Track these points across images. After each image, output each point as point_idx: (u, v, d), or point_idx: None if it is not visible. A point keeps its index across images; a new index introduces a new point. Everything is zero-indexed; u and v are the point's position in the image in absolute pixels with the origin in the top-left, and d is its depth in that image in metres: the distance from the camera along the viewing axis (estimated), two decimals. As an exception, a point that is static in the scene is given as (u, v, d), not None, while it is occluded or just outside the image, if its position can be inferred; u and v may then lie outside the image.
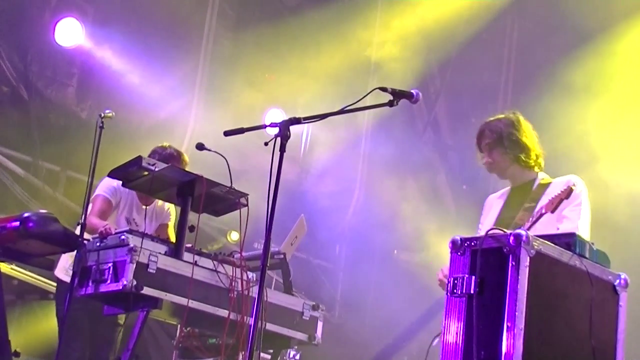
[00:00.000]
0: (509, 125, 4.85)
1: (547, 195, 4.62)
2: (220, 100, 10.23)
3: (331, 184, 11.45)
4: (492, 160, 4.87)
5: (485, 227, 4.73)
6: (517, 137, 4.81)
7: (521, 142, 4.81)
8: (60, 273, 6.05)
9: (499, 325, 3.46)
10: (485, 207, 5.06)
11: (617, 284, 3.88)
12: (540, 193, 4.69)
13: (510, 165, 4.83)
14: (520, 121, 4.88)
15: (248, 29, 10.76)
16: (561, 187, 4.57)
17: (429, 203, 11.43)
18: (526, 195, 4.76)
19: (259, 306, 4.04)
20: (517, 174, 4.86)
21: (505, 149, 4.81)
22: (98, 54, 9.24)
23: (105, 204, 6.09)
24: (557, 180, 4.74)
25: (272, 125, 4.26)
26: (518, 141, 4.81)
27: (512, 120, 4.88)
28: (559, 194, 4.37)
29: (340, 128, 11.26)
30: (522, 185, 4.84)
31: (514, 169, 4.84)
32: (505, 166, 4.85)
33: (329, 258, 11.47)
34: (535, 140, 4.87)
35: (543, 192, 4.68)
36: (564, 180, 4.69)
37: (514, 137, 4.81)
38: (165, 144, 6.34)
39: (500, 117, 4.94)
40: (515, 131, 4.83)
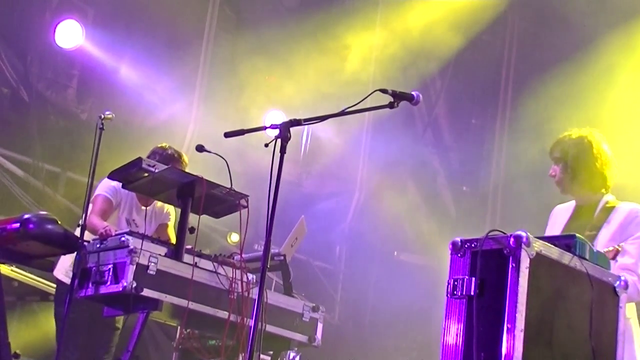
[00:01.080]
0: (578, 146, 4.74)
1: (610, 223, 4.56)
2: (220, 101, 10.24)
3: (331, 185, 11.46)
4: (555, 175, 4.78)
5: None
6: (583, 161, 4.71)
7: (586, 167, 4.71)
8: (60, 274, 6.05)
9: (499, 327, 3.46)
10: (552, 218, 4.95)
11: (617, 286, 3.88)
12: (603, 219, 4.61)
13: (573, 186, 4.75)
14: (592, 143, 4.74)
15: (248, 31, 10.76)
16: (623, 214, 4.55)
17: (429, 204, 11.44)
18: (589, 219, 4.67)
19: (259, 308, 4.04)
20: (581, 195, 4.77)
21: (567, 169, 4.73)
22: (98, 56, 9.24)
23: (106, 204, 6.09)
24: (622, 207, 4.64)
25: (272, 126, 4.26)
26: (583, 165, 4.71)
27: (583, 141, 4.76)
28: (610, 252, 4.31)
29: (341, 130, 11.26)
30: (586, 206, 4.75)
31: (577, 190, 4.75)
32: (567, 186, 4.76)
33: (329, 259, 11.47)
34: (606, 162, 4.74)
35: (606, 218, 4.60)
36: (629, 207, 4.62)
37: (580, 160, 4.71)
38: (165, 144, 6.33)
39: (574, 135, 4.81)
40: (583, 154, 4.72)
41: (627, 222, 4.57)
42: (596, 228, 4.58)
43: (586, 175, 4.71)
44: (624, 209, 4.62)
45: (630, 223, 4.55)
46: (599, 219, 4.62)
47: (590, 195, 4.74)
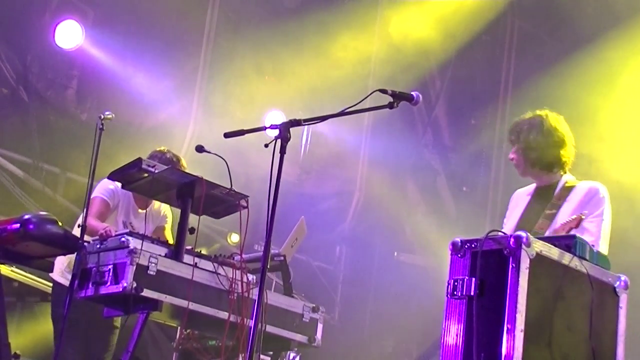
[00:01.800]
0: (529, 126, 4.73)
1: (570, 202, 4.54)
2: (220, 102, 10.24)
3: (331, 185, 11.46)
4: (512, 158, 4.78)
5: (509, 227, 4.71)
6: (534, 141, 4.68)
7: (538, 146, 4.68)
8: (56, 275, 6.04)
9: (499, 327, 3.46)
10: (512, 202, 4.94)
11: (617, 286, 3.88)
12: (562, 198, 4.59)
13: (529, 167, 4.74)
14: (543, 122, 4.72)
15: (248, 31, 10.76)
16: (582, 192, 4.53)
17: (429, 205, 11.44)
18: (548, 199, 4.65)
19: (259, 308, 4.04)
20: (538, 176, 4.75)
21: (523, 151, 4.71)
22: (98, 56, 9.24)
23: (103, 206, 6.09)
24: (581, 185, 4.62)
25: (272, 127, 4.26)
26: (535, 145, 4.68)
27: (534, 121, 4.75)
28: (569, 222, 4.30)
29: (341, 130, 11.26)
30: (546, 187, 4.73)
31: (534, 171, 4.74)
32: (524, 168, 4.75)
33: (329, 260, 11.46)
34: (558, 141, 4.70)
35: (565, 197, 4.58)
36: (588, 185, 4.59)
37: (531, 140, 4.69)
38: (164, 148, 6.32)
39: (528, 116, 4.80)
40: (534, 134, 4.70)
41: (586, 200, 4.53)
42: (556, 207, 4.55)
43: (538, 155, 4.68)
44: (583, 187, 4.60)
45: (589, 200, 4.51)
46: (559, 197, 4.60)
47: (548, 176, 4.71)
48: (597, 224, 4.43)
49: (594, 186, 4.59)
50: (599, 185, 4.60)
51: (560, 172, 4.72)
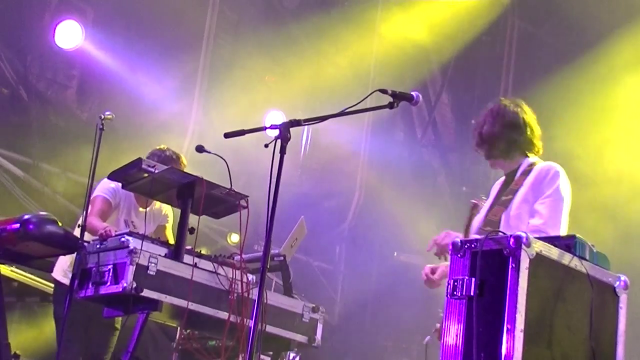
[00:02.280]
0: (486, 117, 4.66)
1: (525, 185, 4.42)
2: (220, 102, 10.24)
3: (331, 185, 11.46)
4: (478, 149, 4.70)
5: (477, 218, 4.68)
6: (490, 128, 4.60)
7: (492, 132, 4.59)
8: (58, 275, 6.04)
9: (499, 327, 3.46)
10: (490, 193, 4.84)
11: (617, 286, 3.88)
12: (519, 183, 4.47)
13: (489, 157, 4.65)
14: (497, 110, 4.64)
15: (248, 31, 10.77)
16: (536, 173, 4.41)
17: (429, 205, 11.44)
18: (509, 185, 4.55)
19: (259, 308, 4.04)
20: (501, 163, 4.65)
21: (483, 143, 4.64)
22: (98, 56, 9.25)
23: (105, 205, 6.09)
24: (535, 168, 4.49)
25: (272, 127, 4.26)
26: (490, 131, 4.60)
27: (490, 109, 4.68)
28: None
29: (341, 130, 11.26)
30: (511, 173, 4.62)
31: (493, 160, 4.65)
32: (487, 157, 4.67)
33: (329, 260, 11.47)
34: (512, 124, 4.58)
35: (522, 181, 4.46)
36: (538, 168, 4.46)
37: (486, 130, 4.61)
38: (164, 146, 6.33)
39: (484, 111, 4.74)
40: (488, 121, 4.63)
41: (538, 181, 4.40)
42: (513, 192, 4.46)
43: (494, 140, 4.58)
44: (536, 168, 4.47)
45: (541, 181, 4.39)
46: (517, 182, 4.48)
47: (509, 162, 4.60)
48: (547, 205, 4.32)
49: (545, 167, 4.46)
50: (551, 165, 4.47)
51: (521, 156, 4.59)
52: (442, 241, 4.44)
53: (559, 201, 4.36)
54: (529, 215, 4.34)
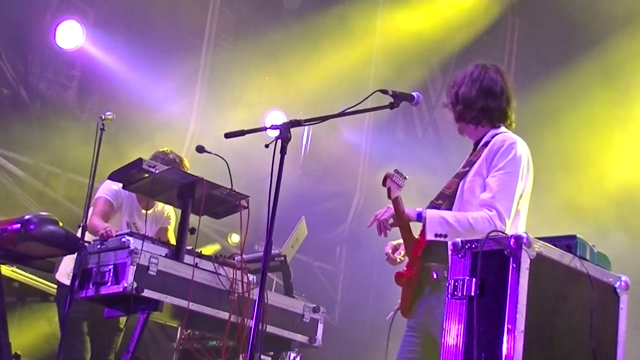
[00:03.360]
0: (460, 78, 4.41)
1: (481, 157, 4.22)
2: (221, 102, 10.24)
3: (332, 186, 11.46)
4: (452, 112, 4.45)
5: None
6: (462, 92, 4.35)
7: (462, 98, 4.35)
8: (62, 277, 6.05)
9: (500, 328, 3.46)
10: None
11: (617, 286, 3.88)
12: (478, 154, 4.27)
13: (458, 121, 4.42)
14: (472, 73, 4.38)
15: (249, 32, 10.77)
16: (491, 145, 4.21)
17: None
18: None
19: (260, 308, 4.04)
20: (471, 132, 4.41)
21: (452, 105, 4.41)
22: (99, 57, 9.25)
23: (107, 206, 6.10)
24: (495, 138, 4.26)
25: (272, 127, 4.26)
26: (460, 98, 4.35)
27: (465, 72, 4.42)
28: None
29: (341, 130, 11.26)
30: (476, 143, 4.40)
31: (462, 125, 4.41)
32: (456, 124, 4.44)
33: (329, 260, 11.47)
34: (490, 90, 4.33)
35: (481, 152, 4.26)
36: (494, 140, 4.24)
37: (460, 92, 4.36)
38: (167, 149, 6.34)
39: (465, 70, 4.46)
40: (464, 86, 4.36)
41: (492, 153, 4.19)
42: (470, 163, 4.26)
43: (463, 106, 4.34)
44: (494, 139, 4.24)
45: (495, 153, 4.18)
46: (477, 153, 4.28)
47: (477, 130, 4.36)
48: (498, 178, 4.12)
49: (501, 137, 4.23)
50: (507, 136, 4.24)
51: (489, 125, 4.36)
52: (383, 216, 4.38)
53: (512, 174, 4.14)
54: (481, 188, 4.17)
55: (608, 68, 9.72)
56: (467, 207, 4.17)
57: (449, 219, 4.11)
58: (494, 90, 4.34)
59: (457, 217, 4.12)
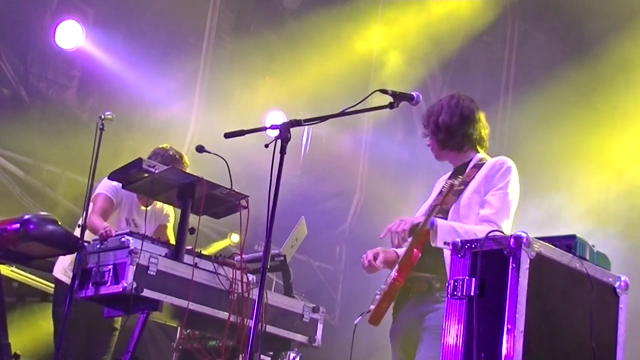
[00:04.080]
0: (440, 107, 4.61)
1: (478, 177, 4.45)
2: (221, 102, 10.25)
3: (332, 186, 11.46)
4: (428, 144, 4.68)
5: (420, 211, 4.73)
6: (443, 121, 4.56)
7: (445, 125, 4.55)
8: (59, 273, 6.05)
9: (499, 328, 3.45)
10: (433, 189, 4.90)
11: (617, 286, 3.87)
12: (472, 174, 4.49)
13: (440, 149, 4.64)
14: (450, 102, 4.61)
15: (249, 32, 10.77)
16: (488, 167, 4.45)
17: (430, 205, 11.42)
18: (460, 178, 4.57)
19: (259, 308, 4.04)
20: (451, 157, 4.67)
21: (434, 135, 4.61)
22: (99, 56, 9.25)
23: (107, 203, 6.10)
24: (489, 161, 4.53)
25: (272, 127, 4.26)
26: (444, 125, 4.56)
27: (444, 101, 4.65)
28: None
29: (341, 130, 11.26)
30: (460, 167, 4.65)
31: (445, 152, 4.65)
32: (437, 150, 4.66)
33: (329, 260, 11.46)
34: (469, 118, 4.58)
35: (475, 173, 4.49)
36: (492, 161, 4.51)
37: (441, 121, 4.56)
38: (166, 145, 6.34)
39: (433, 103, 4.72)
40: (444, 115, 4.57)
41: (491, 174, 4.43)
42: (464, 183, 4.48)
43: (446, 134, 4.57)
44: (490, 161, 4.52)
45: (494, 174, 4.42)
46: (469, 174, 4.52)
47: (460, 155, 4.63)
48: (499, 197, 4.35)
49: (499, 160, 4.50)
50: (505, 160, 4.50)
51: (472, 150, 4.62)
52: (397, 228, 4.44)
53: (510, 194, 4.39)
54: (479, 205, 4.37)
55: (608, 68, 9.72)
56: (464, 221, 4.34)
57: (458, 229, 4.19)
58: (472, 117, 4.61)
59: (465, 229, 4.21)
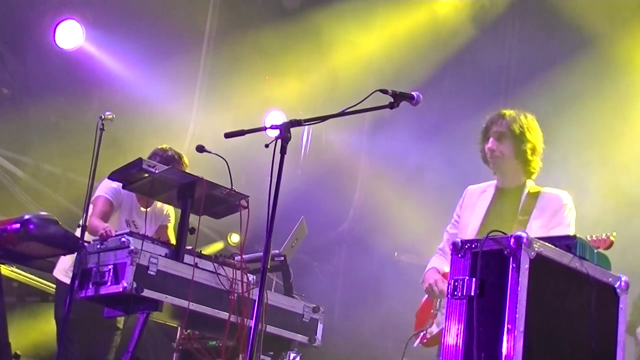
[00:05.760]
0: (529, 124, 4.84)
1: (538, 209, 4.67)
2: (220, 102, 10.24)
3: (332, 185, 11.46)
4: (497, 149, 4.82)
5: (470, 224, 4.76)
6: (532, 138, 4.80)
7: (533, 144, 4.80)
8: (59, 274, 6.05)
9: (500, 328, 3.46)
10: (466, 198, 5.02)
11: (617, 287, 3.88)
12: (531, 205, 4.70)
13: (513, 160, 4.81)
14: (537, 125, 4.88)
15: (249, 32, 10.77)
16: (552, 202, 4.67)
17: (430, 205, 11.43)
18: (515, 203, 4.76)
19: (259, 308, 4.04)
20: (511, 173, 4.83)
21: (517, 144, 4.79)
22: (99, 56, 9.25)
23: (107, 205, 6.10)
24: (547, 192, 4.76)
25: (272, 127, 4.26)
26: (532, 142, 4.80)
27: (530, 120, 4.87)
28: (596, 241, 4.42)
29: (341, 130, 11.26)
30: (511, 190, 4.83)
31: (514, 165, 4.82)
32: (508, 159, 4.81)
33: (329, 260, 11.46)
34: (539, 149, 4.86)
35: (534, 203, 4.71)
36: (555, 194, 4.74)
37: (529, 135, 4.79)
38: (165, 146, 6.35)
39: (520, 113, 4.89)
40: (533, 131, 4.82)
41: (556, 209, 4.68)
42: (527, 213, 4.67)
43: (532, 152, 4.79)
44: (551, 195, 4.74)
45: (559, 210, 4.66)
46: (529, 204, 4.71)
47: (520, 175, 4.83)
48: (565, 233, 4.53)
49: (559, 196, 4.73)
50: (563, 195, 4.74)
51: (526, 176, 4.84)
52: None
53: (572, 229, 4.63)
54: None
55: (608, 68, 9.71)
56: None
57: None
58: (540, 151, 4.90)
59: None
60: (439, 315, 4.79)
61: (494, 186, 4.93)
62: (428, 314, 4.94)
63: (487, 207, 4.81)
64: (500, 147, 4.81)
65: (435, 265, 4.95)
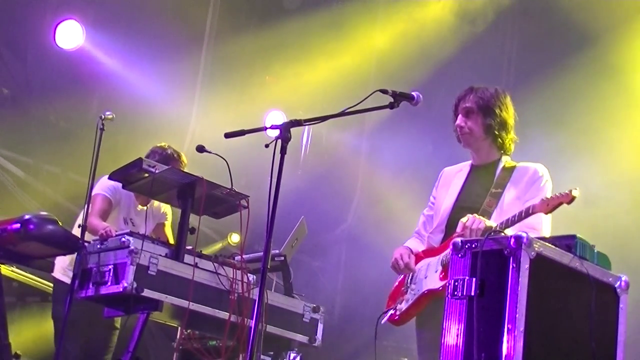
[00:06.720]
0: (497, 99, 4.73)
1: (513, 182, 4.58)
2: (220, 102, 10.24)
3: (332, 185, 11.46)
4: (466, 125, 4.72)
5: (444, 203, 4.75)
6: (500, 112, 4.69)
7: (502, 119, 4.69)
8: (58, 273, 6.05)
9: (500, 328, 3.46)
10: (442, 179, 4.97)
11: (617, 286, 3.88)
12: (506, 178, 4.61)
13: (483, 137, 4.72)
14: (507, 99, 4.76)
15: (249, 31, 10.77)
16: (527, 174, 4.57)
17: (430, 205, 11.42)
18: (490, 178, 4.67)
19: (260, 308, 4.04)
20: (484, 149, 4.75)
21: (484, 119, 4.69)
22: (99, 56, 9.25)
23: (106, 203, 6.10)
24: (522, 165, 4.66)
25: (272, 127, 4.26)
26: (500, 116, 4.69)
27: (500, 95, 4.75)
28: (559, 197, 4.26)
29: (341, 130, 11.26)
30: (485, 166, 4.75)
31: (485, 143, 4.73)
32: (478, 136, 4.72)
33: (329, 260, 11.46)
34: (512, 125, 4.75)
35: (509, 177, 4.61)
36: (530, 167, 4.63)
37: (498, 110, 4.69)
38: (164, 144, 6.35)
39: (490, 88, 4.79)
40: (502, 105, 4.71)
41: (531, 181, 4.57)
42: (501, 186, 4.58)
43: (501, 128, 4.69)
44: (526, 167, 4.64)
45: (534, 182, 4.56)
46: (502, 177, 4.63)
47: (493, 151, 4.74)
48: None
49: (539, 168, 4.62)
50: (539, 167, 4.63)
51: (500, 152, 4.74)
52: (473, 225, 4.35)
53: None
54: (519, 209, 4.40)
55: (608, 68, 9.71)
56: None
57: None
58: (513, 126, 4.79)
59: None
60: (409, 292, 4.72)
61: (469, 165, 4.86)
62: (399, 293, 4.87)
63: (461, 185, 4.76)
64: (468, 123, 4.72)
65: (409, 245, 4.94)
